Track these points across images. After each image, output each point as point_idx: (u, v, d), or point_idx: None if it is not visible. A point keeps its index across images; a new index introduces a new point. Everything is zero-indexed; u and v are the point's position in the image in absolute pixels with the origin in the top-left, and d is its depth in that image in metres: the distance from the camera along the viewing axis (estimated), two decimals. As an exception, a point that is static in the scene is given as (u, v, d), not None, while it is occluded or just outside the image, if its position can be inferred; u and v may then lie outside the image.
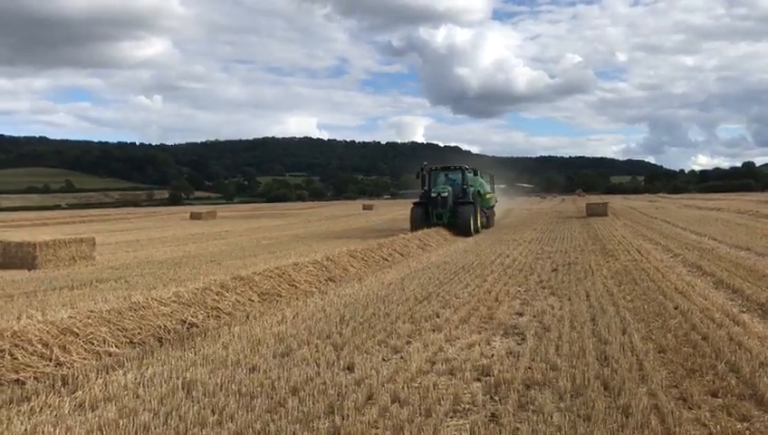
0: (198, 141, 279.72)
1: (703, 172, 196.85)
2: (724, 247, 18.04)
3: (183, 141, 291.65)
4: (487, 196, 31.71)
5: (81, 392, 5.92)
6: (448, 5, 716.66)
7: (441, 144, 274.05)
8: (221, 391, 5.91)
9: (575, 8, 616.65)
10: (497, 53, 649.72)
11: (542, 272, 14.08)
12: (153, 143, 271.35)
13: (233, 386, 6.02)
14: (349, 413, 5.26)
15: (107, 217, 69.52)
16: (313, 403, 5.51)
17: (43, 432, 4.90)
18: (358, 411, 5.33)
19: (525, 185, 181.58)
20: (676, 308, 9.42)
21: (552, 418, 5.10)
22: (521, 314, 9.45)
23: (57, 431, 4.89)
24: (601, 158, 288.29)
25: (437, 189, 27.71)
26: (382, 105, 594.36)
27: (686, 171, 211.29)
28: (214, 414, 5.28)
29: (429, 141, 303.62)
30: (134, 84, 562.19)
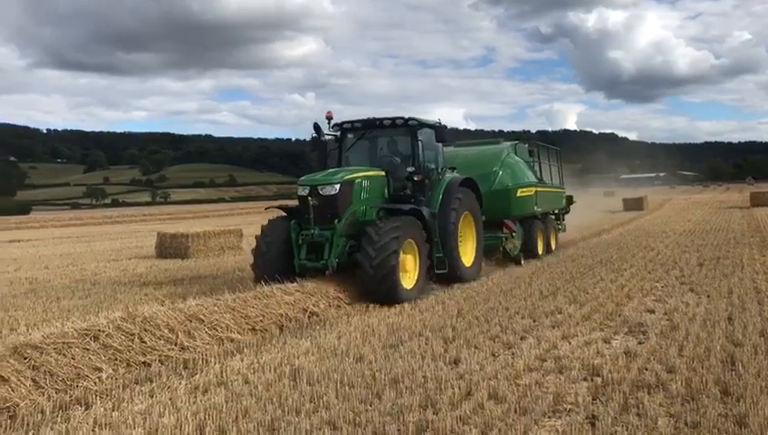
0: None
1: None
2: None
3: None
4: (520, 193, 15.39)
5: (198, 376, 6.31)
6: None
7: (595, 131, 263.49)
8: (324, 379, 6.06)
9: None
10: (654, 34, 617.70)
11: (686, 266, 13.18)
12: (308, 139, 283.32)
13: (335, 375, 6.15)
14: (442, 408, 5.21)
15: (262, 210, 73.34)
16: (409, 396, 5.52)
17: (156, 412, 5.28)
18: (452, 406, 5.26)
19: (687, 173, 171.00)
20: (831, 309, 8.49)
21: (656, 423, 4.77)
22: (652, 312, 8.89)
23: (168, 412, 5.25)
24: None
25: (313, 178, 11.05)
26: (531, 93, 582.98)
27: None
28: (311, 402, 5.43)
29: (582, 129, 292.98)
30: (288, 83, 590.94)
